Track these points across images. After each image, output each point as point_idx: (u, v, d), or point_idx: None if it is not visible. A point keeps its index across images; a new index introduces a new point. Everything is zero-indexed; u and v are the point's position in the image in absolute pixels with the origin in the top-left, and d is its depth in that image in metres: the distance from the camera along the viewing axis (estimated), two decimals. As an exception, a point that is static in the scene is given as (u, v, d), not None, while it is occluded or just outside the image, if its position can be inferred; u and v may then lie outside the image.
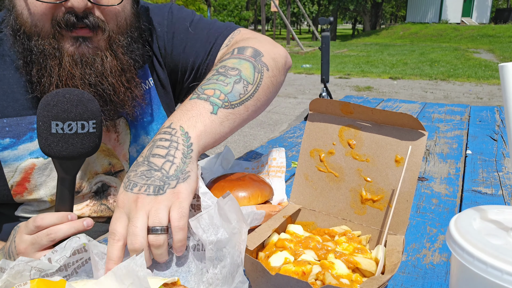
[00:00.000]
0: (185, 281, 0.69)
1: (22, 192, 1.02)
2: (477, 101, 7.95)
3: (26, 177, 1.01)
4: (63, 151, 0.75)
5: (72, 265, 0.65)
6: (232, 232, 0.62)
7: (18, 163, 1.00)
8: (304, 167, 0.84)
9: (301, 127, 1.87)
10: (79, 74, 0.94)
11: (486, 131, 1.79)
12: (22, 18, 0.91)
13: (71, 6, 0.88)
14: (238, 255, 0.61)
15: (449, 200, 1.11)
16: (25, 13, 0.90)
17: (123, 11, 0.99)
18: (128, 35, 1.02)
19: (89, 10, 0.92)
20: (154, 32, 1.21)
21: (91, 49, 0.95)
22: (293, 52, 18.95)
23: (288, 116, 6.94)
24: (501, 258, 0.43)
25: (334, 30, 33.53)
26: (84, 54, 0.94)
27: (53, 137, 0.74)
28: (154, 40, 1.20)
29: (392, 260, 0.63)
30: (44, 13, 0.89)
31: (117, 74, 0.99)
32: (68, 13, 0.89)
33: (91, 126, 0.76)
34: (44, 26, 0.91)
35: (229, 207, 0.63)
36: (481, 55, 16.40)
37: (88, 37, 0.94)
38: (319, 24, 2.02)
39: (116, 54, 0.99)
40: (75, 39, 0.93)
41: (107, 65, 0.97)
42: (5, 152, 0.98)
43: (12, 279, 0.56)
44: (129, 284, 0.57)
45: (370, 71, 12.40)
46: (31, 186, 1.02)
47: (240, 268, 0.59)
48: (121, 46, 1.00)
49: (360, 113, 0.76)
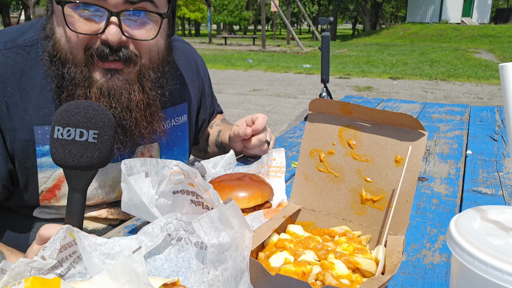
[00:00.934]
0: (185, 278, 0.69)
1: (50, 198, 1.05)
2: (477, 101, 7.95)
3: (58, 185, 1.04)
4: (63, 158, 0.75)
5: (67, 260, 0.65)
6: (234, 236, 0.62)
7: (53, 170, 1.03)
8: (304, 167, 0.84)
9: (301, 127, 1.87)
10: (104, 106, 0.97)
11: (486, 131, 1.79)
12: (60, 44, 0.95)
13: (105, 39, 0.92)
14: (241, 260, 0.60)
15: (449, 200, 1.11)
16: (63, 40, 0.94)
17: (156, 45, 1.01)
18: (159, 70, 1.05)
19: (124, 43, 0.95)
20: (200, 73, 1.38)
21: (121, 81, 0.98)
22: (293, 52, 18.96)
23: (288, 116, 6.95)
24: (502, 259, 0.43)
25: (334, 30, 33.54)
26: (113, 87, 0.97)
27: (54, 142, 0.75)
28: (199, 80, 1.38)
29: (392, 261, 0.63)
30: (79, 42, 0.93)
31: (141, 108, 1.02)
32: (102, 45, 0.93)
33: (90, 136, 0.75)
34: (78, 55, 0.94)
35: (231, 213, 0.63)
36: (481, 55, 16.41)
37: (119, 69, 0.97)
38: (319, 24, 2.02)
39: (144, 88, 1.02)
40: (106, 71, 0.96)
41: (134, 99, 1.00)
42: (43, 158, 1.01)
43: (12, 280, 0.57)
44: (125, 281, 0.57)
45: (370, 71, 12.41)
46: (60, 194, 1.05)
47: (245, 274, 0.59)
48: (150, 81, 1.03)
49: (360, 113, 0.76)
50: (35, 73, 0.99)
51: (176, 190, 0.77)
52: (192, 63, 1.37)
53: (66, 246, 0.65)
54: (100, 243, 0.68)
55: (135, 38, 0.95)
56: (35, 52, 1.00)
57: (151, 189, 0.78)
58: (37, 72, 1.00)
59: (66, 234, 0.64)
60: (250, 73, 12.34)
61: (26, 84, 0.98)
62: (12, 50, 0.99)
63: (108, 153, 0.78)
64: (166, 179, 0.76)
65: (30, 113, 0.98)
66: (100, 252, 0.68)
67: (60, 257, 0.64)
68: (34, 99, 0.98)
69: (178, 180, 0.75)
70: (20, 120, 0.97)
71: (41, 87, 0.99)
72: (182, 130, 1.28)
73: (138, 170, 0.78)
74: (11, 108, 0.96)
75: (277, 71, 12.75)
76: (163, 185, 0.77)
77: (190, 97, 1.32)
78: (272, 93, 9.09)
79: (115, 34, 0.91)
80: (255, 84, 10.29)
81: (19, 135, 0.97)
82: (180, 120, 1.27)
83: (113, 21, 0.91)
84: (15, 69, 0.98)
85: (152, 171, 0.78)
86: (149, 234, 0.70)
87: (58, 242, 0.63)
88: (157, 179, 0.78)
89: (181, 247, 0.71)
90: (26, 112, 0.97)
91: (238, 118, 6.63)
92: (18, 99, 0.97)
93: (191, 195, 0.77)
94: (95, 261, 0.66)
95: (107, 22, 0.91)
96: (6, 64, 0.97)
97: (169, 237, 0.71)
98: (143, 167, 0.78)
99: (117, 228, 0.95)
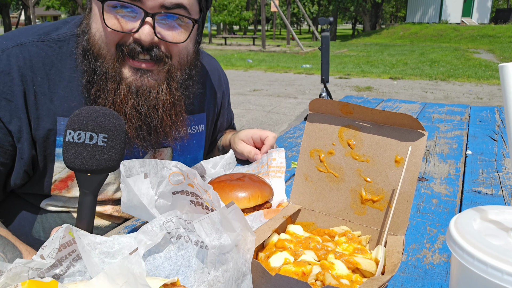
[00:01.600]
0: (185, 276, 0.69)
1: (62, 189, 1.08)
2: (477, 101, 7.95)
3: (71, 176, 1.07)
4: (73, 160, 0.77)
5: (66, 259, 0.65)
6: (236, 239, 0.62)
7: None
8: (304, 168, 0.84)
9: (301, 127, 1.87)
10: (132, 103, 1.01)
11: (486, 131, 1.79)
12: (94, 39, 0.99)
13: (138, 38, 0.96)
14: (243, 263, 0.60)
15: (449, 200, 1.11)
16: (97, 35, 0.99)
17: (185, 48, 1.06)
18: (186, 72, 1.09)
19: (155, 43, 0.99)
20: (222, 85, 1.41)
21: (150, 81, 1.02)
22: (293, 52, 18.96)
23: (288, 116, 6.95)
24: (501, 259, 0.43)
25: (334, 30, 33.53)
26: (142, 85, 1.01)
27: (66, 145, 0.78)
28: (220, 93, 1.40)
29: (392, 261, 0.63)
30: (113, 38, 0.97)
31: (167, 108, 1.06)
32: (134, 43, 0.97)
33: (100, 139, 0.78)
34: (110, 50, 0.99)
35: (233, 216, 0.63)
36: (481, 55, 16.41)
37: (149, 69, 1.01)
38: (319, 24, 2.02)
39: (171, 88, 1.06)
40: (136, 70, 1.00)
41: (161, 98, 1.04)
42: (61, 148, 1.04)
43: (10, 281, 0.56)
44: (122, 283, 0.57)
45: (370, 71, 12.41)
46: (72, 185, 1.08)
47: (248, 277, 0.59)
48: (177, 81, 1.07)
49: (360, 113, 0.76)
50: (64, 66, 1.04)
51: (175, 191, 0.77)
52: (216, 76, 1.39)
53: (65, 245, 0.65)
54: (99, 241, 0.68)
55: (166, 40, 1.00)
56: (67, 47, 1.05)
57: (150, 190, 0.79)
58: (66, 66, 1.04)
59: (65, 233, 0.64)
60: (250, 73, 12.34)
61: (55, 76, 1.03)
62: (45, 43, 1.04)
63: (118, 157, 0.80)
64: (166, 180, 0.77)
65: (55, 104, 1.02)
66: (100, 250, 0.68)
67: (59, 256, 0.64)
68: (61, 91, 1.03)
69: (177, 181, 0.75)
70: (46, 109, 1.01)
71: (68, 80, 1.04)
72: (198, 139, 1.30)
73: (137, 171, 0.78)
74: (39, 97, 1.01)
75: (277, 71, 12.75)
76: (163, 186, 0.78)
77: (209, 109, 1.35)
78: (272, 93, 9.09)
79: (148, 34, 0.96)
80: (255, 84, 10.29)
81: (42, 123, 1.01)
82: (196, 129, 1.29)
83: (148, 21, 0.96)
84: (46, 61, 1.02)
85: (151, 172, 0.78)
86: (148, 232, 0.70)
87: (57, 241, 0.63)
88: (156, 180, 0.78)
89: (181, 245, 0.71)
90: (52, 102, 1.02)
91: (238, 118, 6.63)
92: (46, 89, 1.01)
93: (191, 196, 0.77)
94: (95, 260, 0.66)
95: (142, 22, 0.95)
96: (38, 55, 1.02)
97: (168, 235, 0.71)
98: (142, 168, 0.78)
99: (117, 228, 0.95)
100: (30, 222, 1.12)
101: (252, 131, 1.34)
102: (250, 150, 1.31)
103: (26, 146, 1.01)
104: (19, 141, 1.00)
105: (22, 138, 1.00)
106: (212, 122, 1.39)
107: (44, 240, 1.11)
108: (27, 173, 1.04)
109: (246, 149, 1.32)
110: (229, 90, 1.51)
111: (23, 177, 1.04)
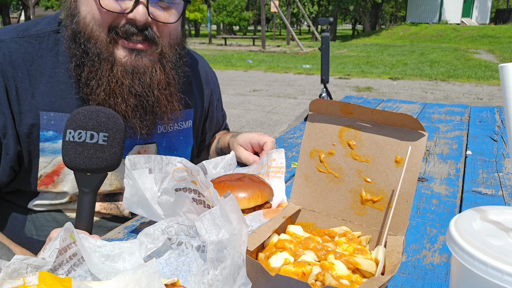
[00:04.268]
0: (185, 281, 0.69)
1: (48, 184, 1.08)
2: (477, 102, 7.95)
3: (57, 171, 1.07)
4: (74, 160, 0.78)
5: (67, 263, 0.65)
6: (233, 232, 0.62)
7: (54, 156, 1.06)
8: (304, 168, 0.84)
9: (301, 128, 1.87)
10: (127, 84, 1.02)
11: (486, 132, 1.79)
12: (85, 22, 1.00)
13: (133, 18, 0.98)
14: (238, 256, 0.61)
15: (449, 200, 1.11)
16: (89, 17, 0.99)
17: (175, 29, 1.08)
18: (177, 52, 1.11)
19: (148, 24, 1.01)
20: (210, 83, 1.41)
21: (145, 61, 1.03)
22: (293, 52, 18.96)
23: (288, 117, 6.95)
24: (501, 259, 0.43)
25: (334, 31, 33.54)
26: (137, 66, 1.03)
27: (66, 145, 0.78)
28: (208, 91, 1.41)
29: (392, 261, 0.63)
30: (106, 19, 0.98)
31: (162, 88, 1.08)
32: (128, 24, 0.99)
33: (101, 138, 0.78)
34: (102, 32, 0.99)
35: (230, 207, 0.63)
36: (481, 56, 16.41)
37: (143, 50, 1.03)
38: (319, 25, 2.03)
39: (165, 68, 1.08)
40: (130, 51, 1.02)
41: (155, 78, 1.06)
42: (46, 143, 1.05)
43: (8, 277, 0.56)
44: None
45: (370, 71, 12.41)
46: (58, 180, 1.08)
47: (242, 269, 0.59)
48: (170, 62, 1.09)
49: (360, 114, 0.76)
50: (45, 62, 1.05)
51: (178, 188, 0.77)
52: (202, 72, 1.39)
53: (66, 248, 0.65)
54: (100, 245, 0.69)
55: (158, 20, 1.02)
56: (46, 44, 1.06)
57: (154, 185, 0.79)
58: (47, 62, 1.05)
59: (66, 235, 0.64)
60: (250, 74, 12.34)
61: (35, 72, 1.03)
62: (25, 39, 1.04)
63: (117, 156, 0.81)
64: (169, 176, 0.77)
65: (37, 99, 1.02)
66: (100, 253, 0.68)
67: (60, 259, 0.64)
68: (42, 86, 1.03)
69: (181, 177, 0.76)
70: (28, 105, 1.02)
71: (50, 76, 1.04)
72: (185, 135, 1.30)
73: (141, 166, 0.79)
74: (20, 92, 1.01)
75: (277, 72, 12.75)
76: (166, 182, 0.78)
77: (197, 105, 1.34)
78: (272, 94, 9.09)
79: (143, 14, 0.98)
80: (255, 85, 10.29)
81: (25, 118, 1.02)
82: (183, 125, 1.29)
83: (142, 1, 0.97)
84: (26, 57, 1.03)
85: (156, 167, 0.79)
86: (150, 235, 0.70)
87: (58, 241, 0.64)
88: (161, 175, 0.79)
89: (181, 252, 0.71)
90: (33, 97, 1.02)
91: (238, 118, 6.63)
92: (27, 84, 1.02)
93: (193, 193, 0.77)
94: (95, 261, 0.67)
95: (136, 2, 0.97)
96: (18, 51, 1.02)
97: (169, 241, 0.71)
98: (147, 164, 0.79)
99: (117, 229, 0.95)
100: (21, 222, 1.12)
101: (250, 135, 1.33)
102: (248, 157, 1.30)
103: (11, 142, 1.01)
104: (4, 137, 1.00)
105: (7, 134, 1.00)
106: (201, 118, 1.39)
107: (37, 239, 1.11)
108: (13, 169, 1.05)
109: (244, 156, 1.31)
110: (218, 88, 1.50)
111: (10, 174, 1.05)
